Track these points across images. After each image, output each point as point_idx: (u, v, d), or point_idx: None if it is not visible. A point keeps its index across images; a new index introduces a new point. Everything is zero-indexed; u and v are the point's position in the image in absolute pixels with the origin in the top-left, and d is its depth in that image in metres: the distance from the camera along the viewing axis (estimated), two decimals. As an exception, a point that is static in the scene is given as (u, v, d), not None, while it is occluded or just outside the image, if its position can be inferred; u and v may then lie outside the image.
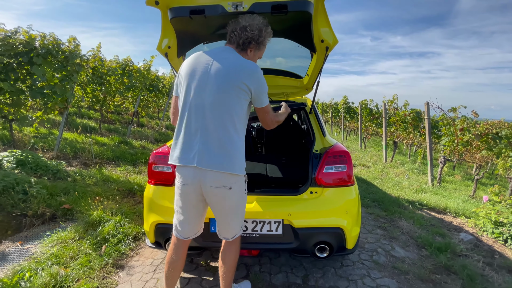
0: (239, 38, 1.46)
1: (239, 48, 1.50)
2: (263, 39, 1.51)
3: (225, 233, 1.62)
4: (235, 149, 1.42)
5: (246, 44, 1.48)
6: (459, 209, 3.87)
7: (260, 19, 1.49)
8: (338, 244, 1.89)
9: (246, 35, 1.45)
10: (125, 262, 2.43)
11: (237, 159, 1.43)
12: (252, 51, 1.53)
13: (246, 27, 1.45)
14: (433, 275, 2.26)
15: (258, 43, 1.50)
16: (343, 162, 1.96)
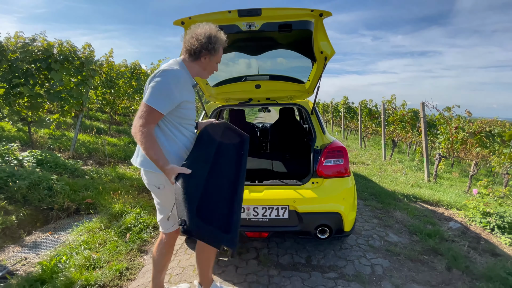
0: (190, 48, 1.51)
1: (192, 57, 1.54)
2: (213, 45, 1.51)
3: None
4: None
5: (198, 53, 1.52)
6: (451, 202, 4.15)
7: (208, 27, 1.51)
8: (336, 227, 2.19)
9: (195, 45, 1.49)
10: (148, 248, 2.74)
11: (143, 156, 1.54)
12: (206, 58, 1.55)
13: (194, 37, 1.49)
14: (421, 256, 2.55)
15: (209, 50, 1.51)
16: (340, 156, 2.26)
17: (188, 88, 1.56)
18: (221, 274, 2.25)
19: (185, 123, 1.61)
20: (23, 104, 5.41)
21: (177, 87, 1.45)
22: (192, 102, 1.61)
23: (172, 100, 1.45)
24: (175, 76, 1.44)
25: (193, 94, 1.62)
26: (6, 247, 2.85)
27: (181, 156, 1.57)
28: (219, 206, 1.46)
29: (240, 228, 2.25)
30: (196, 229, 1.24)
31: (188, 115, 1.59)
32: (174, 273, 2.29)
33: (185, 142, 1.61)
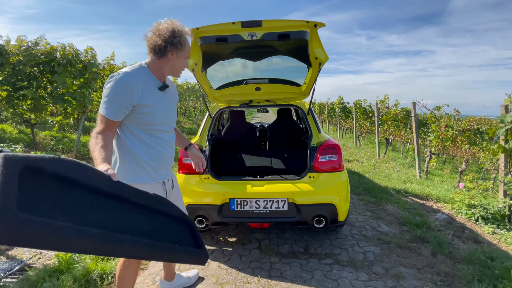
0: (154, 46, 1.42)
1: (158, 55, 1.44)
2: (178, 39, 1.41)
3: None
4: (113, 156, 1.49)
5: (163, 50, 1.42)
6: (440, 196, 4.41)
7: (170, 21, 1.43)
8: (331, 217, 2.40)
9: (158, 42, 1.40)
10: (156, 241, 2.92)
11: (113, 165, 1.50)
12: (173, 54, 1.45)
13: (156, 33, 1.41)
14: (409, 244, 2.78)
15: (174, 45, 1.41)
16: (334, 152, 2.48)
17: (145, 91, 1.44)
18: (227, 262, 2.45)
19: (148, 129, 1.50)
20: (26, 107, 5.54)
21: (125, 91, 1.37)
22: (152, 106, 1.46)
23: (120, 105, 1.37)
24: (120, 80, 1.37)
25: (155, 96, 1.48)
26: (20, 242, 3.01)
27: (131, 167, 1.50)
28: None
29: (244, 220, 2.45)
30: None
31: (148, 120, 1.48)
32: (183, 262, 2.48)
33: (147, 151, 1.51)
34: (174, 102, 1.69)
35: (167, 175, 1.68)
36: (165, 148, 1.60)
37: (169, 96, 1.63)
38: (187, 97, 15.48)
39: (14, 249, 2.83)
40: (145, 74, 1.48)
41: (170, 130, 1.66)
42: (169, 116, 1.61)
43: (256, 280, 2.20)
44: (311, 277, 2.23)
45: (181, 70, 1.55)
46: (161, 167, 1.60)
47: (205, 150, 2.62)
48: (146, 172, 1.53)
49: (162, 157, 1.59)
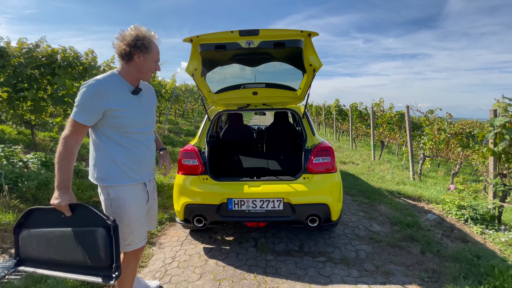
0: (120, 52, 1.49)
1: (125, 60, 1.51)
2: (142, 41, 1.47)
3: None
4: (92, 160, 1.60)
5: (129, 54, 1.48)
6: (432, 197, 4.53)
7: (133, 27, 1.50)
8: (325, 216, 2.51)
9: (123, 47, 1.47)
10: (155, 240, 3.01)
11: (93, 169, 1.58)
12: (140, 57, 1.50)
13: (120, 39, 1.48)
14: (400, 243, 2.90)
15: (139, 48, 1.47)
16: (328, 155, 2.59)
17: (116, 96, 1.51)
18: (224, 260, 2.54)
19: (123, 132, 1.56)
20: (26, 108, 5.60)
21: (94, 97, 1.43)
22: (124, 110, 1.52)
23: (90, 110, 1.44)
24: (91, 86, 1.44)
25: (127, 100, 1.55)
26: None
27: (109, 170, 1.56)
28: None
29: (241, 219, 2.55)
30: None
31: (122, 124, 1.53)
32: (182, 260, 2.57)
33: (124, 153, 1.58)
34: (150, 105, 1.74)
35: (148, 176, 1.73)
36: (142, 150, 1.65)
37: (144, 99, 1.69)
38: (185, 99, 15.57)
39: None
40: (116, 80, 1.55)
41: (148, 132, 1.70)
42: (145, 118, 1.65)
43: (252, 276, 2.30)
44: (304, 273, 2.33)
45: (150, 73, 1.60)
46: (140, 168, 1.65)
47: (204, 151, 2.72)
48: (126, 174, 1.58)
49: (140, 159, 1.64)
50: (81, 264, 1.44)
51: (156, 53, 1.56)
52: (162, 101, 10.59)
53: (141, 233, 1.69)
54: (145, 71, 1.57)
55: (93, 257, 1.41)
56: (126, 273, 1.72)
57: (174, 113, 17.86)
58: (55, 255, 1.47)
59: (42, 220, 1.50)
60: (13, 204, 3.48)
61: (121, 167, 1.57)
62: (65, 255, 1.46)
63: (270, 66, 2.74)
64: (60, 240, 1.45)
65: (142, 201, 1.69)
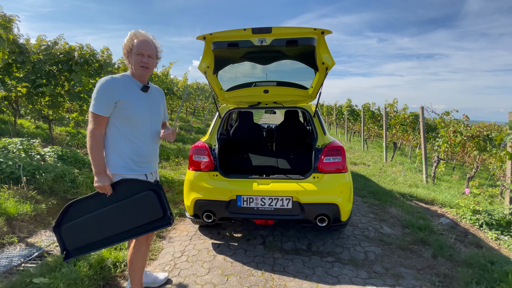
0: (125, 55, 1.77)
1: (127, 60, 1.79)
2: (125, 41, 1.71)
3: None
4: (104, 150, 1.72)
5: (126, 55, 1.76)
6: (445, 201, 4.42)
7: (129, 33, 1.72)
8: (334, 216, 2.49)
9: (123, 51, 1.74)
10: (165, 234, 3.06)
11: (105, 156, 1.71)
12: (129, 57, 1.75)
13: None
14: (411, 246, 2.84)
15: (125, 47, 1.71)
16: (338, 154, 2.57)
17: (126, 90, 1.68)
18: (232, 256, 2.56)
19: (128, 123, 1.70)
20: (44, 103, 5.80)
21: (107, 89, 1.62)
22: (132, 102, 1.68)
23: (105, 101, 1.62)
24: (103, 81, 1.63)
25: (135, 95, 1.72)
26: (38, 231, 3.19)
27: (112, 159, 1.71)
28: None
29: (249, 216, 2.57)
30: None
31: (130, 114, 1.69)
32: (191, 254, 2.61)
33: (127, 144, 1.71)
34: (157, 103, 1.89)
35: (150, 168, 1.85)
36: (146, 144, 1.78)
37: (152, 97, 1.85)
38: (196, 97, 15.73)
39: (33, 236, 3.02)
40: (127, 78, 1.75)
41: (153, 128, 1.83)
42: (150, 113, 1.80)
43: (260, 273, 2.31)
44: (312, 273, 2.32)
45: (137, 66, 1.70)
46: (141, 160, 1.77)
47: (215, 148, 2.75)
48: (127, 165, 1.72)
49: (141, 151, 1.76)
50: (141, 224, 1.73)
51: (137, 46, 1.68)
52: (174, 98, 10.73)
53: None
54: (133, 65, 1.72)
55: (151, 213, 1.71)
56: (136, 258, 1.85)
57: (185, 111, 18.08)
58: (109, 231, 1.72)
59: (83, 209, 1.73)
60: (30, 195, 3.62)
61: (123, 158, 1.71)
62: (121, 226, 1.72)
63: (282, 64, 2.73)
64: (114, 216, 1.70)
65: None
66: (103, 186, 1.64)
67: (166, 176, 4.86)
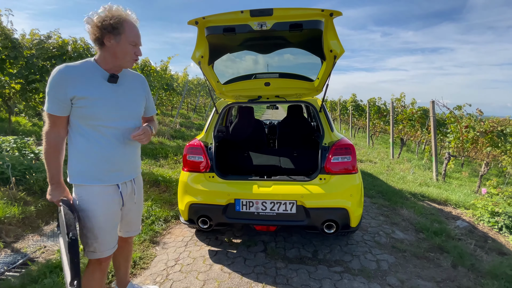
0: (93, 38, 1.34)
1: (98, 45, 1.37)
2: (110, 22, 1.29)
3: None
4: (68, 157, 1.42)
5: (100, 39, 1.33)
6: (459, 201, 4.14)
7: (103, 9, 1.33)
8: (343, 222, 2.24)
9: (93, 32, 1.32)
10: (160, 239, 2.84)
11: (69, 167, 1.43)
12: (111, 41, 1.33)
13: (91, 24, 1.32)
14: (427, 253, 2.58)
15: (107, 30, 1.30)
16: (348, 153, 2.31)
17: (84, 83, 1.33)
18: (230, 265, 2.33)
19: (92, 124, 1.37)
20: (38, 100, 5.60)
21: (58, 83, 1.30)
22: (93, 99, 1.34)
23: (57, 98, 1.30)
24: (54, 73, 1.30)
25: (98, 88, 1.37)
26: (26, 235, 2.99)
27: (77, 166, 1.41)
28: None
29: (249, 222, 2.33)
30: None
31: (90, 115, 1.35)
32: (185, 263, 2.38)
33: (92, 150, 1.39)
34: (132, 95, 1.52)
35: (122, 177, 1.51)
36: (115, 147, 1.44)
37: (124, 88, 1.48)
38: (197, 93, 15.47)
39: (20, 241, 2.82)
40: (90, 66, 1.39)
41: (125, 127, 1.47)
42: (121, 110, 1.44)
43: (261, 286, 2.08)
44: (319, 286, 2.08)
45: (128, 58, 1.40)
46: (110, 168, 1.44)
47: (211, 147, 2.50)
48: (91, 174, 1.41)
49: (111, 157, 1.44)
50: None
51: (132, 34, 1.37)
52: (174, 94, 10.50)
53: (107, 241, 1.49)
54: (120, 56, 1.38)
55: (65, 264, 1.35)
56: (90, 284, 1.53)
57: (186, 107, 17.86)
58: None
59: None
60: (19, 197, 3.42)
61: (87, 165, 1.40)
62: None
63: (285, 53, 2.46)
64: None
65: (111, 205, 1.48)
66: (52, 201, 1.37)
67: (163, 175, 4.64)
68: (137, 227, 1.76)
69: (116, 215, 1.53)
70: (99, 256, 1.47)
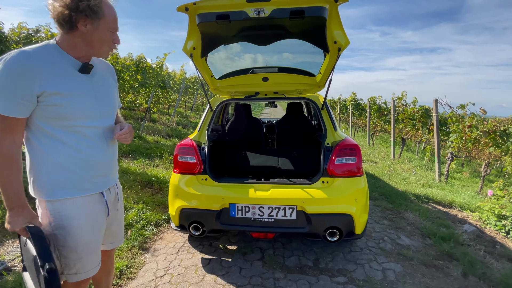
0: (58, 17, 1.06)
1: (65, 28, 1.09)
2: (87, 3, 1.05)
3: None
4: (28, 165, 1.17)
5: (69, 21, 1.06)
6: (464, 203, 3.99)
7: None
8: (347, 229, 2.07)
9: (61, 10, 1.05)
10: (150, 245, 2.66)
11: (29, 176, 1.17)
12: (87, 25, 1.09)
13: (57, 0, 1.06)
14: (436, 261, 2.41)
15: (82, 11, 1.06)
16: (353, 154, 2.13)
17: (54, 74, 1.08)
18: (224, 276, 2.15)
19: (66, 125, 1.13)
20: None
21: (21, 75, 1.02)
22: (67, 94, 1.10)
23: (17, 96, 1.02)
24: (14, 62, 1.01)
25: (71, 81, 1.12)
26: (6, 241, 2.79)
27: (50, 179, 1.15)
28: None
29: (245, 228, 2.15)
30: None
31: (63, 114, 1.11)
32: (175, 273, 2.20)
33: (69, 155, 1.16)
34: (107, 88, 1.30)
35: (106, 183, 1.31)
36: (96, 149, 1.22)
37: (99, 80, 1.24)
38: (195, 91, 15.24)
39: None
40: (53, 53, 1.11)
41: (106, 126, 1.26)
42: (100, 106, 1.22)
43: (257, 300, 1.90)
44: (321, 299, 1.91)
45: (106, 47, 1.17)
46: (94, 174, 1.24)
47: (204, 147, 2.32)
48: (74, 183, 1.18)
49: (92, 162, 1.22)
50: None
51: (111, 19, 1.14)
52: (170, 92, 10.27)
53: (93, 259, 1.28)
54: (97, 44, 1.15)
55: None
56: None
57: (183, 105, 17.63)
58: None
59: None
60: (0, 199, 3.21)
61: (65, 175, 1.16)
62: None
63: (284, 45, 2.27)
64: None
65: (97, 217, 1.28)
66: (14, 230, 1.08)
67: (157, 176, 4.45)
68: (121, 236, 1.57)
69: (102, 228, 1.33)
70: (84, 277, 1.26)
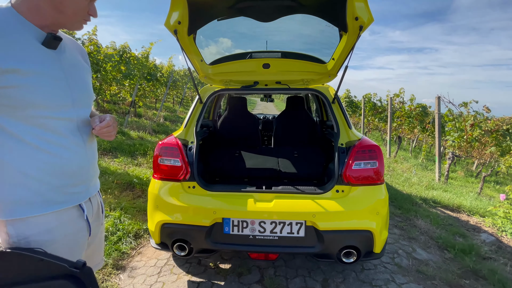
0: None
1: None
2: None
3: None
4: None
5: None
6: (472, 208, 3.73)
7: None
8: (366, 249, 1.70)
9: None
10: (126, 263, 2.22)
11: None
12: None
13: None
14: (461, 280, 2.09)
15: None
16: (373, 157, 1.76)
17: (12, 46, 0.76)
18: (216, 306, 1.75)
19: (27, 116, 0.80)
20: None
21: None
22: (29, 71, 0.78)
23: None
24: None
25: (33, 55, 0.80)
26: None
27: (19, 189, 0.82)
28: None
29: (242, 248, 1.75)
30: None
31: (23, 99, 0.78)
32: (155, 302, 1.78)
33: (34, 158, 0.83)
34: (79, 70, 0.96)
35: (86, 193, 0.98)
36: (69, 150, 0.89)
37: (69, 59, 0.92)
38: (184, 85, 14.63)
39: None
40: (8, 17, 0.78)
41: (77, 117, 0.92)
42: (70, 92, 0.89)
43: None
44: (337, 338, 1.54)
45: (78, 18, 0.87)
46: (69, 182, 0.90)
47: (191, 147, 1.89)
48: (42, 196, 0.85)
49: (67, 165, 0.89)
50: None
51: None
52: (157, 85, 9.69)
53: None
54: (69, 11, 0.84)
55: None
56: None
57: (172, 100, 16.98)
58: None
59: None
60: None
61: (29, 185, 0.83)
62: None
63: (291, 23, 1.85)
64: None
65: (76, 238, 0.95)
66: None
67: (140, 177, 3.98)
68: (101, 257, 1.20)
69: (82, 250, 0.99)
70: None
